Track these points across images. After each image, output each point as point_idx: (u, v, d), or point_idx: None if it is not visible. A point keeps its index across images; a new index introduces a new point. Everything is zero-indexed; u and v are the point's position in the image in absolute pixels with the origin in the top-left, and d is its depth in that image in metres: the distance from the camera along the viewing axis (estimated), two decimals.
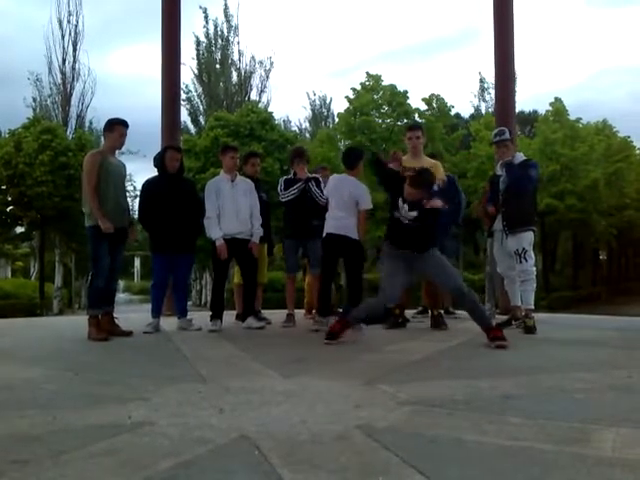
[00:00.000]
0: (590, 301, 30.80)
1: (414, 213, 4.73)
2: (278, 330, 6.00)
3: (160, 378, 3.49)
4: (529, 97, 68.66)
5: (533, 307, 5.70)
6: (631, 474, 1.93)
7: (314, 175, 6.30)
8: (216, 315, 5.86)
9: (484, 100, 38.44)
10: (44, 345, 5.13)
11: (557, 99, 31.64)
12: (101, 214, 5.19)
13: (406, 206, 4.75)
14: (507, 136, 5.77)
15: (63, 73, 30.03)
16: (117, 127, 5.43)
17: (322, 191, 5.96)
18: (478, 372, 3.63)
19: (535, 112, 36.55)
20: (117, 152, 5.69)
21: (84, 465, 2.05)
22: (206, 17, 36.15)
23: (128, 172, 6.17)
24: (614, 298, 33.10)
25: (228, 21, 36.58)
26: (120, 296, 38.91)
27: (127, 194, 5.99)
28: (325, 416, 2.63)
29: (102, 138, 6.08)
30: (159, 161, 5.96)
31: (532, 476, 1.93)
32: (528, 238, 5.61)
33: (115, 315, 5.57)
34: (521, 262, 5.60)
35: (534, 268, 5.70)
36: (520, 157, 5.82)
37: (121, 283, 44.29)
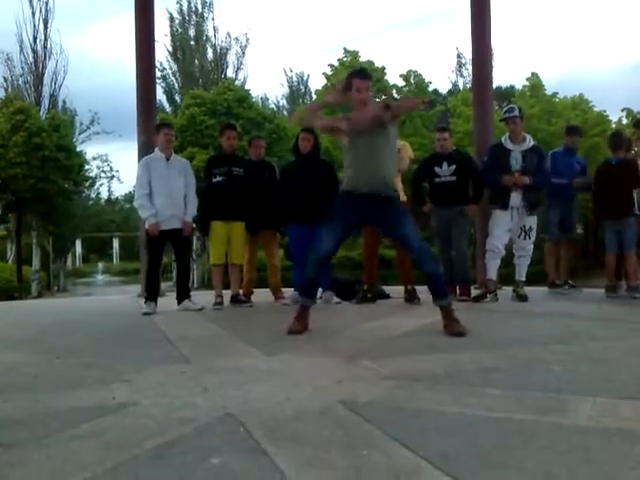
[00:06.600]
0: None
1: None
2: (259, 309, 6.02)
3: (143, 359, 3.49)
4: (506, 72, 68.75)
5: (525, 279, 6.10)
6: (607, 442, 1.98)
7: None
8: (151, 297, 5.83)
9: (462, 76, 38.11)
10: (24, 329, 5.09)
11: (534, 74, 31.66)
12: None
13: None
14: (516, 113, 6.08)
15: (35, 52, 29.25)
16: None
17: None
18: (458, 346, 3.67)
19: (512, 87, 36.50)
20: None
21: (69, 447, 2.05)
22: None
23: (104, 153, 6.32)
24: (591, 271, 33.50)
25: None
26: (99, 278, 38.60)
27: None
28: (308, 392, 2.65)
29: (75, 118, 6.16)
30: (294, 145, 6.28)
31: (512, 445, 1.97)
32: (536, 218, 6.09)
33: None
34: (525, 239, 6.02)
35: (532, 245, 6.08)
36: (530, 140, 6.02)
37: (100, 265, 43.80)
